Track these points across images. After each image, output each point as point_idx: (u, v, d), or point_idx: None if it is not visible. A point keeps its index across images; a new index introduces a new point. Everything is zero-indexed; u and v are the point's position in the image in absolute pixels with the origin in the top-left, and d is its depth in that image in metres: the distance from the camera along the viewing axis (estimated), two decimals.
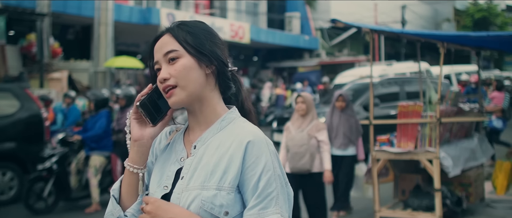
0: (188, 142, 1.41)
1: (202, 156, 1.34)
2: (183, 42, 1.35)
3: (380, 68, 15.08)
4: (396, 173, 6.28)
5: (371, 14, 24.48)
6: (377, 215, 5.60)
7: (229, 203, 1.28)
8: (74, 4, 14.39)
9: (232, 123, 1.38)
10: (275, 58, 23.71)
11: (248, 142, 1.30)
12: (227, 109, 1.42)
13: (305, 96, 5.29)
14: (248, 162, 1.29)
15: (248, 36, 19.26)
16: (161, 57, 1.36)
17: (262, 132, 1.36)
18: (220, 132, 1.37)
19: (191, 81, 1.34)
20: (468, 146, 6.10)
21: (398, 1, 26.02)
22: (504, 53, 26.29)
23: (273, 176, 1.30)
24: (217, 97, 1.40)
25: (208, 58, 1.36)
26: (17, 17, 12.53)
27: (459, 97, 6.52)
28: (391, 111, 9.95)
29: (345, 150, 5.97)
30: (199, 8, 19.73)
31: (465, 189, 6.12)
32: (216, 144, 1.34)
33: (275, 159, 1.33)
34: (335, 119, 5.99)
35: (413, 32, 7.08)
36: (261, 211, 1.27)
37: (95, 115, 6.87)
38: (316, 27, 24.12)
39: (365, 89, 10.52)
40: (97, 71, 15.29)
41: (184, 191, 1.31)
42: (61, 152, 6.73)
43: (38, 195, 6.59)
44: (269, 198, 1.28)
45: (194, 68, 1.34)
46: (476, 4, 31.62)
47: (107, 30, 14.99)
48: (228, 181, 1.29)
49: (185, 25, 1.40)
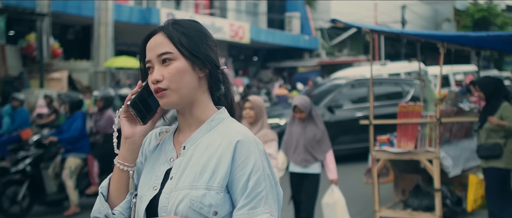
0: (177, 143, 1.41)
1: (192, 156, 1.34)
2: (178, 44, 1.33)
3: (374, 68, 14.96)
4: (396, 173, 6.28)
5: (371, 14, 24.49)
6: (377, 215, 5.60)
7: (218, 203, 1.28)
8: (74, 4, 14.39)
9: (221, 123, 1.39)
10: (275, 58, 23.72)
11: (237, 142, 1.30)
12: (216, 110, 1.42)
13: (253, 101, 4.38)
14: (237, 161, 1.29)
15: (248, 36, 19.26)
16: (155, 57, 1.35)
17: (251, 132, 1.36)
18: (209, 132, 1.37)
19: (184, 85, 1.33)
20: (468, 146, 6.10)
21: (398, 1, 26.03)
22: (504, 53, 26.29)
23: (262, 176, 1.30)
24: (208, 98, 1.41)
25: (202, 62, 1.35)
26: (17, 17, 12.55)
27: (458, 97, 6.51)
28: (356, 113, 9.89)
29: (306, 167, 4.74)
30: (199, 8, 19.73)
31: (465, 189, 6.12)
32: (205, 144, 1.34)
33: (264, 159, 1.33)
34: (295, 130, 4.80)
35: (413, 32, 7.09)
36: (251, 210, 1.27)
37: (70, 117, 6.72)
38: (316, 27, 24.13)
39: (331, 90, 10.37)
40: (97, 71, 15.30)
41: (173, 191, 1.30)
42: (35, 154, 6.44)
43: (12, 198, 6.22)
44: (258, 197, 1.28)
45: (187, 71, 1.34)
46: (476, 4, 31.64)
47: (107, 30, 14.99)
48: (217, 180, 1.29)
49: (179, 25, 1.37)
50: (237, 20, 20.45)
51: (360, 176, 7.26)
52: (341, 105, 9.99)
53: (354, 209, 6.58)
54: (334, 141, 8.77)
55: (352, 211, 6.50)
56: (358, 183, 7.06)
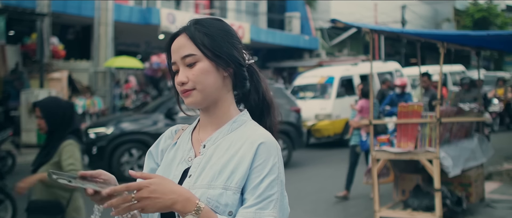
0: (196, 141, 1.42)
1: (212, 155, 1.35)
2: (201, 45, 1.34)
3: (343, 68, 14.48)
4: (396, 173, 6.28)
5: (371, 14, 24.48)
6: (377, 215, 5.60)
7: (234, 203, 1.28)
8: (74, 4, 14.38)
9: (243, 125, 1.40)
10: (275, 58, 23.70)
11: (260, 144, 1.31)
12: (238, 112, 1.43)
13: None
14: (256, 163, 1.30)
15: (248, 36, 19.24)
16: (179, 59, 1.36)
17: (273, 137, 1.36)
18: (231, 133, 1.38)
19: (209, 85, 1.35)
20: (468, 146, 6.10)
21: (398, 1, 26.02)
22: (504, 53, 26.29)
23: (276, 180, 1.30)
24: (231, 98, 1.42)
25: (225, 62, 1.36)
26: (17, 17, 12.54)
27: (458, 98, 6.51)
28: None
29: None
30: (199, 8, 19.72)
31: (465, 189, 6.12)
32: (227, 145, 1.35)
33: (281, 164, 1.33)
34: None
35: (413, 32, 7.08)
36: (259, 210, 1.27)
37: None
38: (316, 27, 24.11)
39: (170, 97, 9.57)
40: (97, 71, 15.30)
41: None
42: None
43: None
44: (269, 200, 1.28)
45: (211, 71, 1.35)
46: (476, 4, 31.62)
47: (107, 30, 14.99)
48: (235, 181, 1.29)
49: (202, 25, 1.38)
50: (237, 20, 20.44)
51: (360, 176, 7.26)
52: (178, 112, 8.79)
53: (354, 209, 6.59)
54: None
55: (352, 211, 6.51)
56: (358, 183, 7.06)
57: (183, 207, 1.21)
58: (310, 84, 13.74)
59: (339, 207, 6.72)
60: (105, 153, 8.52)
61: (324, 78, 13.56)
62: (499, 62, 32.02)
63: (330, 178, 8.55)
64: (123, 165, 8.60)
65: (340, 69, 14.41)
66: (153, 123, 8.94)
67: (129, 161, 8.65)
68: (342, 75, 13.53)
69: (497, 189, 7.51)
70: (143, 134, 8.78)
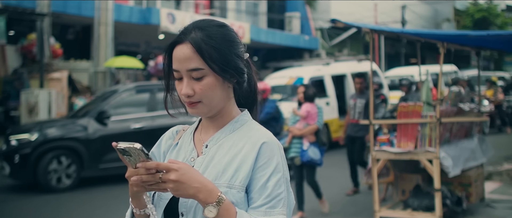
0: (198, 141, 1.44)
1: (214, 155, 1.37)
2: (208, 60, 1.31)
3: (314, 69, 13.84)
4: (396, 173, 6.28)
5: (371, 14, 24.48)
6: (377, 215, 5.60)
7: (239, 201, 1.30)
8: (74, 4, 14.38)
9: (245, 125, 1.42)
10: (275, 58, 23.68)
11: (263, 143, 1.33)
12: (239, 111, 1.45)
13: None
14: (260, 162, 1.32)
15: (248, 36, 19.23)
16: (184, 70, 1.33)
17: (274, 136, 1.39)
18: (233, 133, 1.40)
19: (215, 98, 1.35)
20: (468, 146, 6.10)
21: (398, 1, 26.01)
22: (504, 53, 26.29)
23: (282, 179, 1.33)
24: (233, 102, 1.44)
25: (232, 75, 1.36)
26: (17, 17, 12.52)
27: (458, 97, 6.51)
28: (132, 125, 8.65)
29: None
30: (199, 8, 19.72)
31: (465, 189, 6.12)
32: (229, 145, 1.37)
33: (285, 163, 1.36)
34: None
35: (413, 32, 7.08)
36: (269, 209, 1.29)
37: None
38: (316, 27, 24.11)
39: (108, 96, 9.11)
40: (97, 71, 15.29)
41: None
42: None
43: None
44: (278, 198, 1.31)
45: (218, 85, 1.35)
46: (476, 4, 31.62)
47: (107, 30, 14.98)
48: (239, 179, 1.31)
49: (208, 36, 1.33)
50: (237, 20, 20.44)
51: (360, 176, 7.26)
52: (110, 116, 8.58)
53: (354, 209, 6.58)
54: (103, 158, 8.36)
55: (352, 211, 6.50)
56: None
57: (205, 197, 1.23)
58: (278, 86, 12.89)
59: (339, 207, 6.71)
60: (30, 161, 7.87)
61: (293, 79, 12.88)
62: (499, 62, 32.02)
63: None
64: (50, 174, 7.98)
65: (310, 69, 13.80)
66: (82, 128, 8.38)
67: (57, 170, 8.06)
68: (312, 75, 12.86)
69: (497, 189, 7.51)
70: (71, 140, 8.23)
